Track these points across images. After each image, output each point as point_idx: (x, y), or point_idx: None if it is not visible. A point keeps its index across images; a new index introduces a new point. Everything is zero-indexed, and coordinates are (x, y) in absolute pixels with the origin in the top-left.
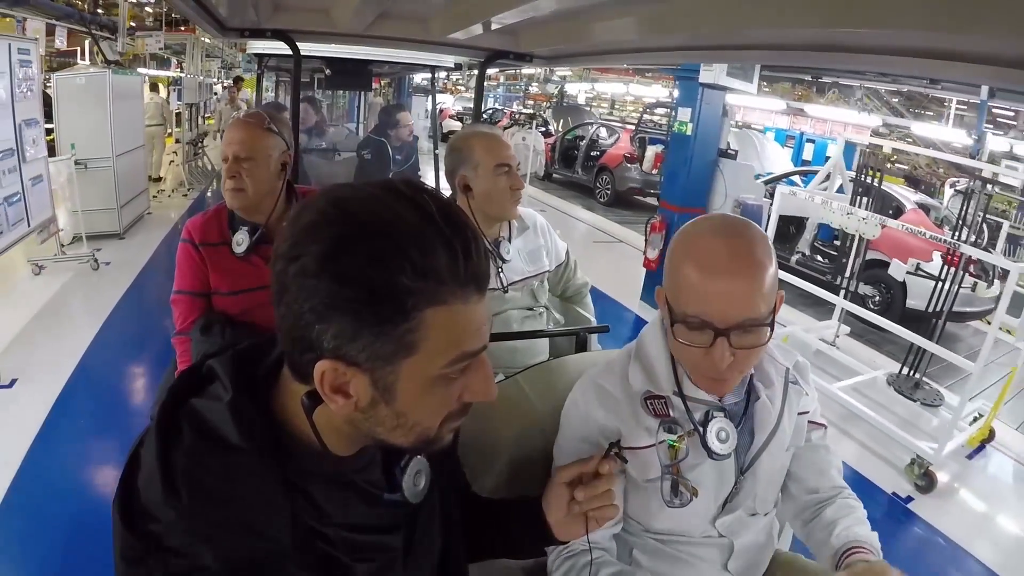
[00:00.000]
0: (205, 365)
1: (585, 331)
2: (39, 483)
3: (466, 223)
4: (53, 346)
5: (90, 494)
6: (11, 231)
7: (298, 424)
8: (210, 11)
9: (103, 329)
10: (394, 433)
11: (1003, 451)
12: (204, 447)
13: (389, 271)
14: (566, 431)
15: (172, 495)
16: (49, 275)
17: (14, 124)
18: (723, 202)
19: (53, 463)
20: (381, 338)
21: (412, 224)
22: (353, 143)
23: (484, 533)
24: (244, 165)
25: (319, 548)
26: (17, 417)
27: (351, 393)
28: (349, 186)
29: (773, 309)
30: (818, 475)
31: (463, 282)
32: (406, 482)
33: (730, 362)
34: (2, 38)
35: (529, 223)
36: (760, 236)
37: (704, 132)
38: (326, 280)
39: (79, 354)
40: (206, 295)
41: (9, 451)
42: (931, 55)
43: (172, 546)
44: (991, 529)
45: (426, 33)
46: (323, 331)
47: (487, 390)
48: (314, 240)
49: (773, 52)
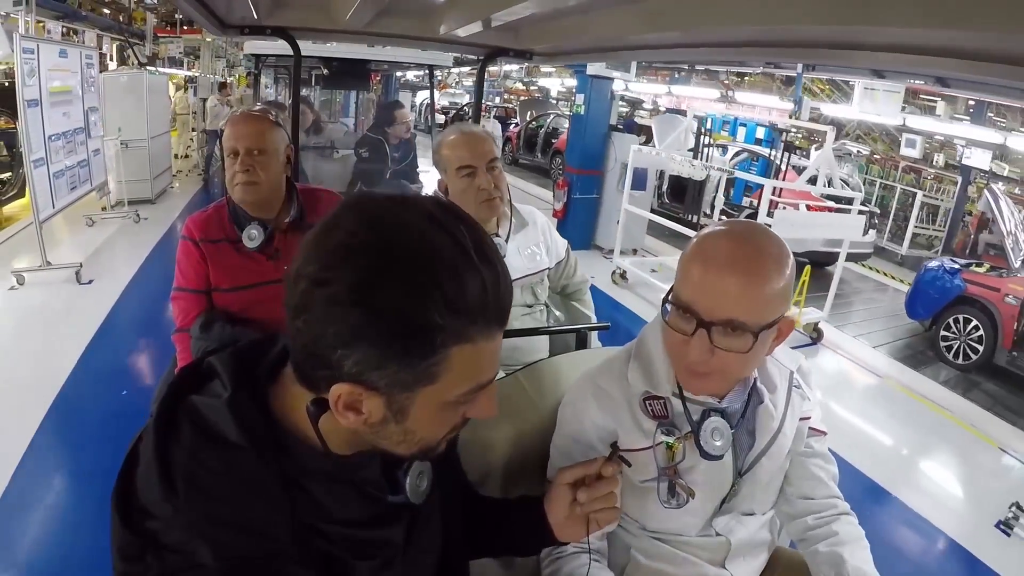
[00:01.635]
0: (205, 362)
1: (585, 329)
2: (109, 344)
3: (497, 256)
4: (114, 265)
5: (137, 365)
6: (80, 187)
7: (297, 422)
8: (210, 8)
9: (148, 258)
10: (399, 446)
11: (831, 348)
12: (203, 444)
13: (423, 307)
14: (561, 430)
15: (170, 492)
16: (99, 227)
17: (83, 110)
18: (613, 165)
19: (116, 334)
20: (405, 369)
21: (448, 258)
22: (350, 141)
23: (484, 532)
24: (257, 158)
25: (318, 545)
26: (92, 303)
27: (363, 411)
28: (379, 205)
29: (767, 325)
30: (813, 483)
31: (490, 320)
32: (409, 484)
33: (707, 359)
34: (75, 47)
35: (529, 220)
36: (772, 251)
37: (595, 111)
38: (358, 312)
39: (133, 271)
40: (206, 292)
41: (89, 322)
42: (926, 52)
43: (170, 543)
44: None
45: (426, 30)
46: (346, 356)
47: (490, 409)
48: (346, 267)
49: (772, 49)
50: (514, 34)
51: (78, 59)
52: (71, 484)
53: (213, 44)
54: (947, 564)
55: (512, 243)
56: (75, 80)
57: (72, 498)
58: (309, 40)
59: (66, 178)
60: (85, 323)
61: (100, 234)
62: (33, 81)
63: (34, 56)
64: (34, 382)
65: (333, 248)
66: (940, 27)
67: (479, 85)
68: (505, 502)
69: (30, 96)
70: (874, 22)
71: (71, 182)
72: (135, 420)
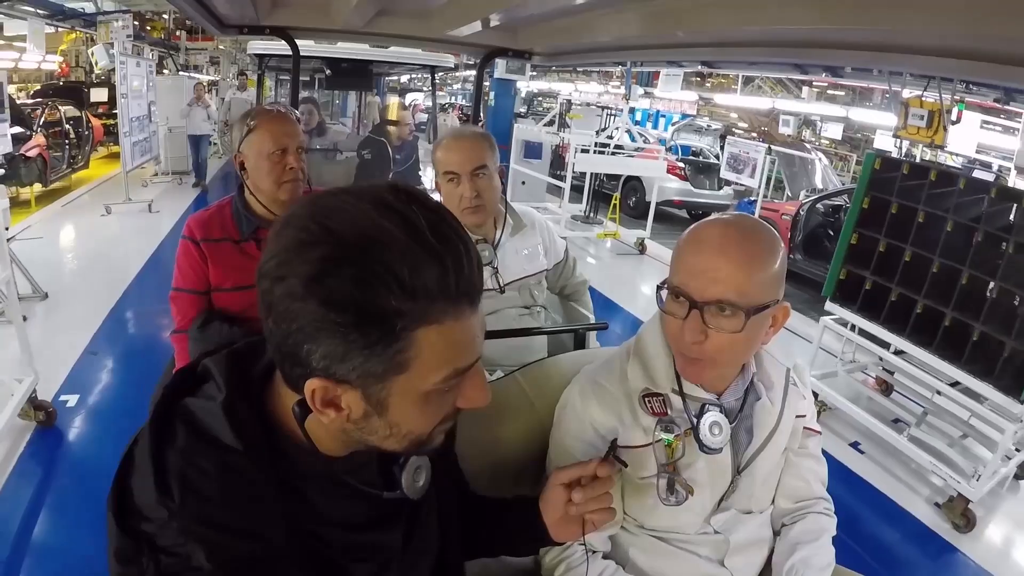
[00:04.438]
0: (200, 364)
1: (584, 328)
2: (171, 245)
3: (458, 234)
4: (171, 204)
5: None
6: (142, 158)
7: (292, 425)
8: (209, 8)
9: (192, 204)
10: (387, 441)
11: (652, 258)
12: (197, 447)
13: (376, 293)
14: (561, 428)
15: (165, 495)
16: (152, 187)
17: (147, 103)
18: (519, 146)
19: (173, 242)
20: (371, 359)
21: (399, 241)
22: (353, 143)
23: (481, 531)
24: (302, 155)
25: (314, 548)
26: (156, 226)
27: (343, 407)
28: (334, 196)
29: (759, 307)
30: (802, 484)
31: (455, 298)
32: (405, 479)
33: (701, 341)
34: (144, 59)
35: (527, 222)
36: (762, 237)
37: (501, 104)
38: (312, 303)
39: (183, 208)
40: (205, 293)
41: (158, 235)
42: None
43: (165, 546)
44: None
45: (425, 30)
46: (312, 351)
47: (481, 397)
48: (299, 261)
49: (772, 49)
50: (513, 34)
51: (144, 68)
52: (144, 335)
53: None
54: None
55: (510, 244)
56: (142, 82)
57: (143, 343)
58: (310, 40)
59: (139, 147)
60: (155, 235)
61: (155, 190)
62: (124, 82)
63: (125, 65)
64: (120, 270)
65: (286, 244)
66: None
67: (478, 85)
68: (502, 502)
69: (123, 91)
70: (870, 23)
71: (141, 151)
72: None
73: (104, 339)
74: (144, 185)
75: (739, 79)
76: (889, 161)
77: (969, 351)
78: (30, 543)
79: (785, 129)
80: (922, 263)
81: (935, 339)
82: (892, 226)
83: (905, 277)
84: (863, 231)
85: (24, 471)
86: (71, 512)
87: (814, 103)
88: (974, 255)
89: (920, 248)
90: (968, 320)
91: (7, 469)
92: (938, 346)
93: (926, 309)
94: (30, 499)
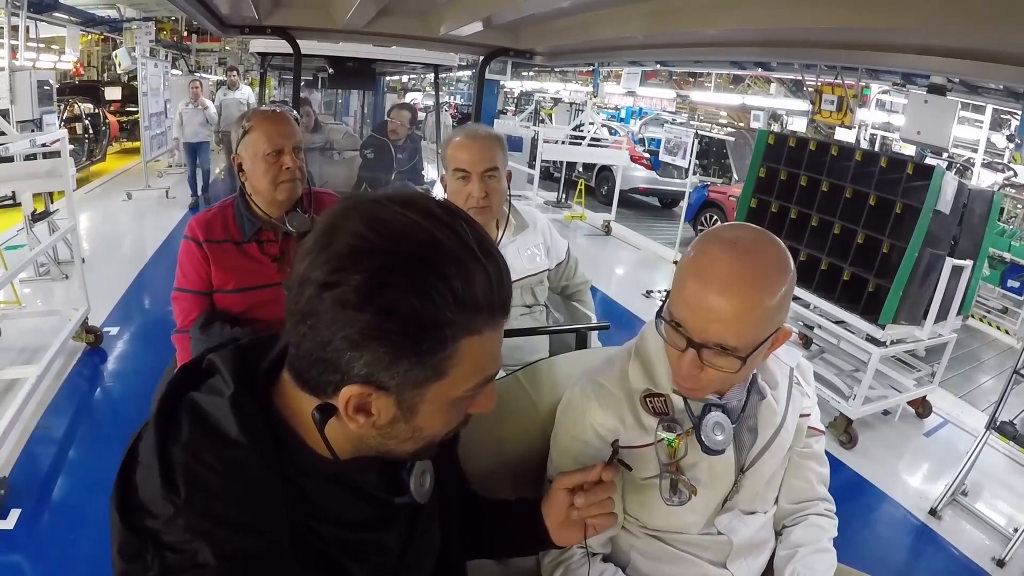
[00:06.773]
0: (206, 359)
1: (585, 329)
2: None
3: (496, 250)
4: (185, 191)
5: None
6: (160, 149)
7: (297, 421)
8: (210, 8)
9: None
10: (405, 444)
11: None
12: (203, 442)
13: (433, 303)
14: (561, 428)
15: (170, 490)
16: (165, 177)
17: (163, 101)
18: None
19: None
20: (416, 367)
21: (453, 253)
22: (355, 143)
23: (482, 533)
24: (300, 155)
25: (314, 545)
26: (171, 208)
27: (372, 412)
28: (381, 206)
29: (760, 343)
30: (803, 484)
31: (495, 310)
32: (413, 483)
33: (696, 374)
34: (161, 61)
35: (529, 222)
36: (771, 265)
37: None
38: (368, 312)
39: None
40: (207, 294)
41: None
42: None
43: (169, 542)
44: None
45: (426, 30)
46: (355, 358)
47: (490, 403)
48: (355, 269)
49: (771, 49)
50: (514, 34)
51: (160, 69)
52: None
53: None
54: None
55: (512, 244)
56: (159, 82)
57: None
58: (313, 40)
59: (157, 140)
60: (174, 216)
61: (171, 179)
62: (145, 81)
63: (145, 67)
64: (147, 240)
65: (339, 251)
66: (938, 26)
67: (479, 85)
68: (503, 503)
69: (143, 90)
70: (869, 23)
71: (158, 143)
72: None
73: (135, 289)
74: (159, 176)
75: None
76: (779, 136)
77: (840, 289)
78: (75, 439)
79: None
80: (806, 221)
81: (814, 281)
82: (782, 190)
83: (791, 233)
84: (760, 196)
85: (75, 382)
86: (109, 416)
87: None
88: (843, 209)
89: (806, 207)
90: (839, 263)
91: (63, 377)
92: (817, 286)
93: (809, 257)
94: (79, 401)
